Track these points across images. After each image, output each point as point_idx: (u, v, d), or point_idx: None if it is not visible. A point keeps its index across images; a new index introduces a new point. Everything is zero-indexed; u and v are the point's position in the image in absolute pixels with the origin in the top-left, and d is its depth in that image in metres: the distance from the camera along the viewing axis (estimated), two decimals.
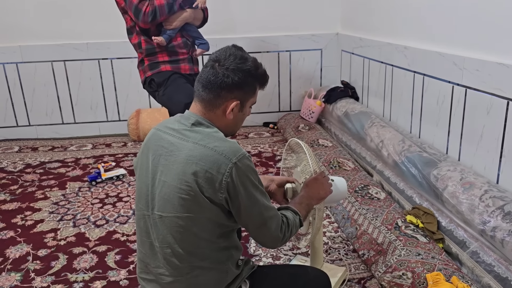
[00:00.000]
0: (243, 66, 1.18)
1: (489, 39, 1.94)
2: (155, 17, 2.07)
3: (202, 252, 1.15)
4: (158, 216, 1.15)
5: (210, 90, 1.17)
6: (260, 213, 1.16)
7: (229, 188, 1.10)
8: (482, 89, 1.96)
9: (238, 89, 1.18)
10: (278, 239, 1.21)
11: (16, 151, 3.43)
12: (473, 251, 1.71)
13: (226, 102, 1.18)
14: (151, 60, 2.20)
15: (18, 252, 2.03)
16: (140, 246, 1.24)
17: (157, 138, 1.20)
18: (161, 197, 1.14)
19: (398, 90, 2.76)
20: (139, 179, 1.22)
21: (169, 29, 2.18)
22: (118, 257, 1.98)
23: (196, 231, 1.13)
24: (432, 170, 2.06)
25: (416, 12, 2.53)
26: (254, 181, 1.14)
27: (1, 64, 3.54)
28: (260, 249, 2.01)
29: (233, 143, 1.13)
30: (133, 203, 2.50)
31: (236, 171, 1.10)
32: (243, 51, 1.22)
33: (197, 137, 1.14)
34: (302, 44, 3.79)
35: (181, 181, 1.10)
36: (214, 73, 1.17)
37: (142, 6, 2.05)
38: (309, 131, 3.36)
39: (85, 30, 3.53)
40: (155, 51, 2.19)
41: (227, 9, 3.65)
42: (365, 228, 1.96)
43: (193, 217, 1.12)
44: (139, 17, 2.07)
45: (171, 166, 1.13)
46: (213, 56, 1.21)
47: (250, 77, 1.20)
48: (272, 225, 1.19)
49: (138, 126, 3.50)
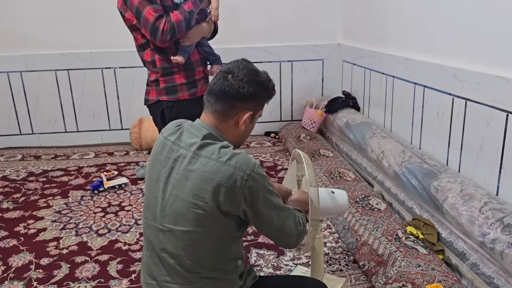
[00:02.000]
0: (257, 78, 1.23)
1: (489, 52, 1.97)
2: (174, 35, 1.89)
3: (211, 263, 1.17)
4: (167, 229, 1.16)
5: (225, 100, 1.20)
6: (278, 215, 1.20)
7: (247, 199, 1.12)
8: (482, 102, 1.98)
9: (252, 100, 1.22)
10: (301, 232, 1.26)
11: (19, 159, 3.45)
12: (472, 262, 1.71)
13: (239, 112, 1.21)
14: (168, 82, 1.99)
15: (20, 261, 2.04)
16: (147, 251, 1.25)
17: (168, 150, 1.20)
18: (172, 210, 1.15)
19: (399, 101, 2.79)
20: (148, 189, 1.23)
21: (187, 46, 2.01)
22: (120, 266, 1.99)
23: (207, 243, 1.15)
24: (433, 182, 2.08)
25: (417, 24, 2.56)
26: (269, 187, 1.17)
27: (5, 73, 3.58)
28: (261, 259, 2.02)
29: (244, 154, 1.15)
30: (135, 212, 2.51)
31: (252, 182, 1.12)
32: (253, 65, 1.26)
33: (209, 151, 1.14)
34: (304, 55, 3.83)
35: (196, 197, 1.11)
36: (229, 84, 1.19)
37: (160, 24, 1.85)
38: (311, 141, 3.38)
39: (89, 40, 3.57)
40: (172, 71, 1.99)
41: (229, 19, 3.68)
42: (366, 239, 1.97)
43: (206, 231, 1.13)
44: (157, 36, 1.87)
45: (184, 181, 1.13)
46: (224, 68, 1.24)
47: (262, 89, 1.24)
48: (291, 223, 1.23)
49: (140, 135, 3.53)
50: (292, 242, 1.27)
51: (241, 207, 1.13)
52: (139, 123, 3.58)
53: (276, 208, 1.19)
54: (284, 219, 1.21)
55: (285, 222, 1.21)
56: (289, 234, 1.23)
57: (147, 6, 1.85)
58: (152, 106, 2.06)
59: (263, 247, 2.12)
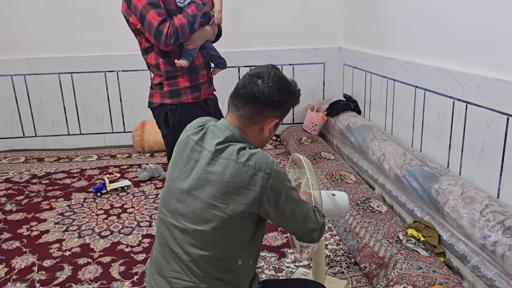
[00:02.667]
0: (288, 87, 1.22)
1: (489, 55, 1.98)
2: (178, 38, 1.90)
3: (226, 265, 1.17)
4: (184, 227, 1.16)
5: (253, 106, 1.18)
6: (301, 210, 1.20)
7: (270, 199, 1.12)
8: (482, 105, 1.99)
9: (280, 108, 1.21)
10: (323, 225, 1.27)
11: (22, 162, 3.47)
12: (474, 265, 1.72)
13: (266, 119, 1.20)
14: (172, 86, 2.00)
15: (23, 263, 2.06)
16: (158, 247, 1.25)
17: (190, 149, 1.20)
18: (191, 210, 1.15)
19: (400, 104, 2.80)
20: (168, 186, 1.23)
21: (191, 49, 2.01)
22: (122, 268, 2.00)
23: (223, 244, 1.15)
24: (433, 184, 2.08)
25: (417, 28, 2.57)
26: (288, 184, 1.17)
27: (9, 76, 3.60)
28: (262, 261, 2.03)
29: (261, 153, 1.15)
30: (137, 214, 2.53)
31: (273, 180, 1.12)
32: (282, 72, 1.25)
33: (228, 152, 1.14)
34: (305, 58, 3.85)
35: (216, 199, 1.12)
36: (259, 90, 1.18)
37: (163, 28, 1.86)
38: (312, 143, 3.39)
39: (92, 43, 3.60)
40: (176, 74, 2.00)
41: (231, 23, 3.71)
42: (367, 241, 1.98)
43: (224, 233, 1.14)
44: (161, 40, 1.88)
45: (204, 182, 1.14)
46: (253, 72, 1.22)
47: (291, 99, 1.24)
48: (312, 216, 1.23)
49: (142, 138, 3.55)
50: (316, 236, 1.26)
51: (263, 207, 1.12)
52: (142, 126, 3.60)
53: (298, 203, 1.19)
54: (306, 213, 1.21)
55: (307, 217, 1.22)
56: (313, 228, 1.23)
57: (151, 10, 1.86)
58: (156, 109, 2.06)
59: (264, 249, 2.13)
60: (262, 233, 1.25)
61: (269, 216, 1.16)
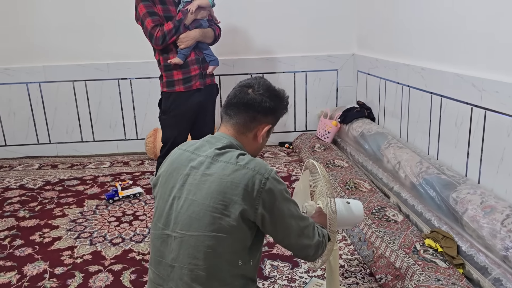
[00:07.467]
0: (278, 93, 1.30)
1: (508, 60, 1.92)
2: (165, 40, 2.42)
3: (223, 276, 1.15)
4: (181, 235, 1.15)
5: (247, 113, 1.24)
6: (297, 224, 1.19)
7: (265, 203, 1.12)
8: (502, 111, 1.94)
9: (272, 114, 1.28)
10: (320, 243, 1.26)
11: (36, 168, 3.50)
12: (495, 277, 1.65)
13: (259, 125, 1.26)
14: (168, 78, 2.51)
15: (35, 270, 2.05)
16: (153, 266, 1.23)
17: (185, 158, 1.21)
18: (187, 215, 1.14)
19: (415, 111, 2.74)
20: (161, 198, 1.22)
21: (182, 49, 2.46)
22: (133, 276, 1.98)
23: (221, 252, 1.13)
24: (451, 193, 2.02)
25: (433, 33, 2.53)
26: (286, 195, 1.18)
27: (24, 84, 3.65)
28: (275, 271, 1.99)
29: (261, 160, 1.18)
30: (149, 221, 2.51)
31: (270, 185, 1.13)
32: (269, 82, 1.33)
33: (227, 156, 1.17)
34: (318, 65, 3.82)
35: (214, 200, 1.12)
36: (251, 98, 1.24)
37: (154, 31, 2.40)
38: (325, 151, 3.35)
39: (106, 51, 3.64)
40: (171, 68, 2.49)
41: (244, 30, 3.72)
42: (382, 251, 1.93)
43: (221, 236, 1.12)
44: (152, 41, 2.44)
45: (202, 185, 1.14)
46: (243, 83, 1.29)
47: (281, 104, 1.31)
48: (309, 232, 1.23)
49: (155, 145, 3.55)
50: (310, 254, 1.25)
51: (259, 211, 1.12)
52: (154, 133, 3.60)
53: (294, 217, 1.19)
54: (302, 228, 1.20)
55: (303, 231, 1.20)
56: (307, 245, 1.22)
57: (147, 17, 2.41)
58: (162, 96, 2.58)
59: (277, 258, 2.09)
60: (260, 247, 1.24)
61: (265, 223, 1.15)
